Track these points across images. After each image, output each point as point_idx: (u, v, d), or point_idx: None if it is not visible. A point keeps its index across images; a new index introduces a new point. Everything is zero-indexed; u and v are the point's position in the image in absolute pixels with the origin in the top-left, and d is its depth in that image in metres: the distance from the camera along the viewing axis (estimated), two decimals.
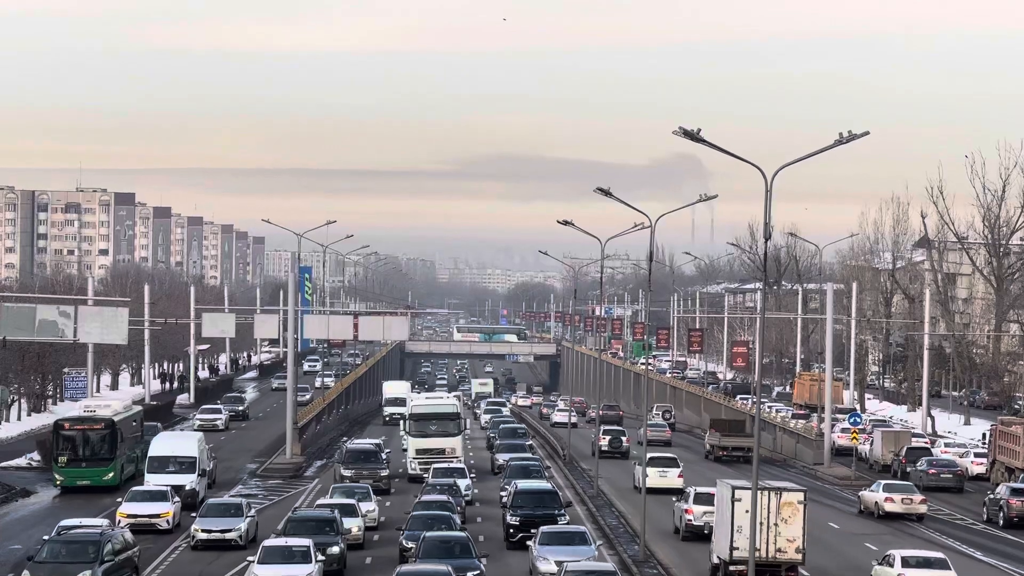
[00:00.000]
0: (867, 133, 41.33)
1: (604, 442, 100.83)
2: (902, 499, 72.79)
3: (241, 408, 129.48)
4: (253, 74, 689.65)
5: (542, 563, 47.24)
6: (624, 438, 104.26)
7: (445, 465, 76.94)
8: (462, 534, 51.67)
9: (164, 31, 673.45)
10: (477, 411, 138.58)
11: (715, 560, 51.87)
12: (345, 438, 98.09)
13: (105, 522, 55.14)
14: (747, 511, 47.15)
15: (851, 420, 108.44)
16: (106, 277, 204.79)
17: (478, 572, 46.70)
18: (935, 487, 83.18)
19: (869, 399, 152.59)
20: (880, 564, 51.50)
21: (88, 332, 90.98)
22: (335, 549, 50.34)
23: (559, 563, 45.13)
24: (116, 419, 74.63)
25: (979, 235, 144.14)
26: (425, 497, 62.31)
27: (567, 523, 56.85)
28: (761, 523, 48.03)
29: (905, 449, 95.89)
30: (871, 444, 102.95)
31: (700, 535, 58.78)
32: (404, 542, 52.35)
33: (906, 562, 50.26)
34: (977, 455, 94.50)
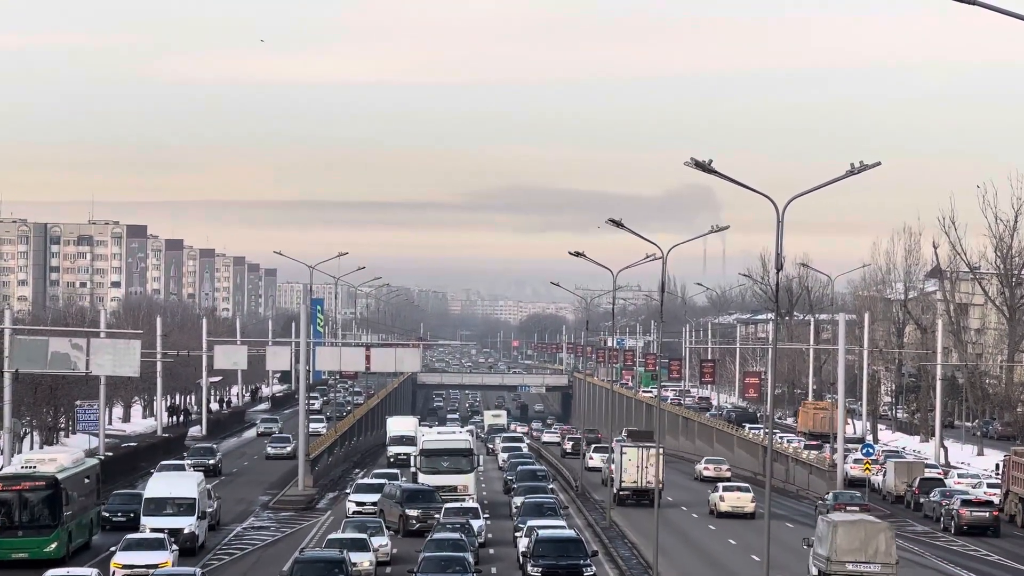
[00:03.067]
0: (879, 163, 41.24)
1: (596, 460, 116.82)
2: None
3: (212, 462, 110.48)
4: (265, 106, 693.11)
5: None
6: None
7: (458, 504, 73.84)
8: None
9: (176, 64, 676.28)
10: (490, 445, 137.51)
11: (614, 490, 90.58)
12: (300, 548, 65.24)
13: (94, 572, 51.36)
14: (629, 459, 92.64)
15: (864, 451, 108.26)
16: (118, 309, 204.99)
17: None
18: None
19: (882, 430, 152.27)
20: None
21: (100, 364, 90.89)
22: None
23: None
24: (61, 477, 60.42)
25: (991, 265, 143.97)
26: (437, 536, 59.84)
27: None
28: (638, 467, 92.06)
29: (918, 480, 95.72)
30: (884, 475, 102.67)
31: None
32: None
33: None
34: (990, 486, 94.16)
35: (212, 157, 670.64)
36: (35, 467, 61.43)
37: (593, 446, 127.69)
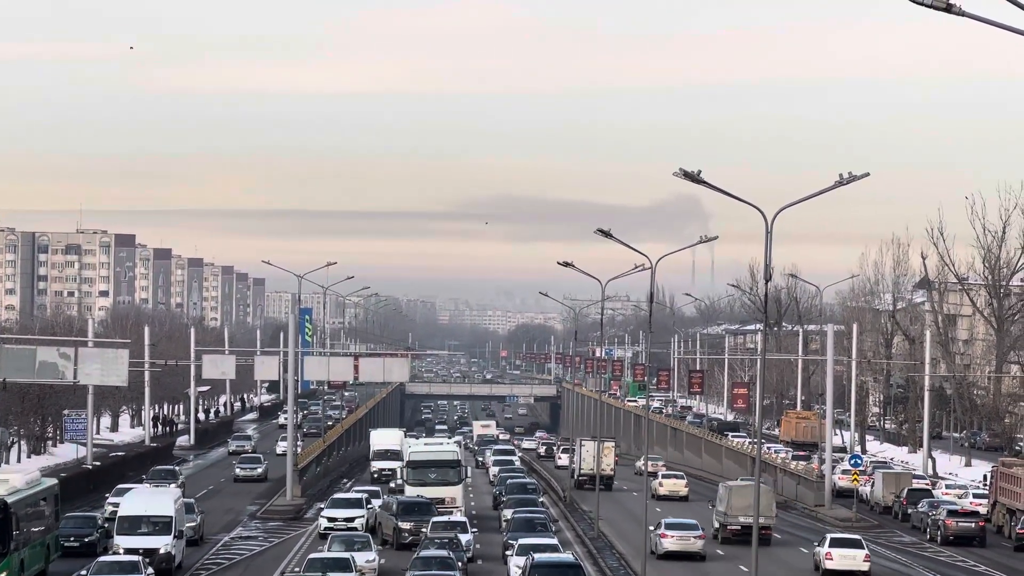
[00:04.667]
0: (867, 175, 41.34)
1: (563, 459, 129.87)
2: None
3: (173, 486, 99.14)
4: (254, 117, 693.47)
5: None
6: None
7: (445, 518, 72.01)
8: None
9: (166, 74, 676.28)
10: (480, 458, 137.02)
11: (575, 477, 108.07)
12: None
13: None
14: (586, 451, 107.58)
15: (852, 462, 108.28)
16: (106, 319, 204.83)
17: None
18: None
19: (870, 440, 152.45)
20: None
21: (88, 374, 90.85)
22: None
23: None
24: (11, 500, 54.27)
25: (979, 276, 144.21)
26: (424, 553, 58.29)
27: None
28: (593, 457, 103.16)
29: (906, 491, 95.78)
30: (872, 486, 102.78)
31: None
32: None
33: None
34: (977, 496, 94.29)
35: (200, 167, 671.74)
36: None
37: (561, 447, 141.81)
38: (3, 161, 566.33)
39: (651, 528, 71.69)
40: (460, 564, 57.66)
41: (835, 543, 70.68)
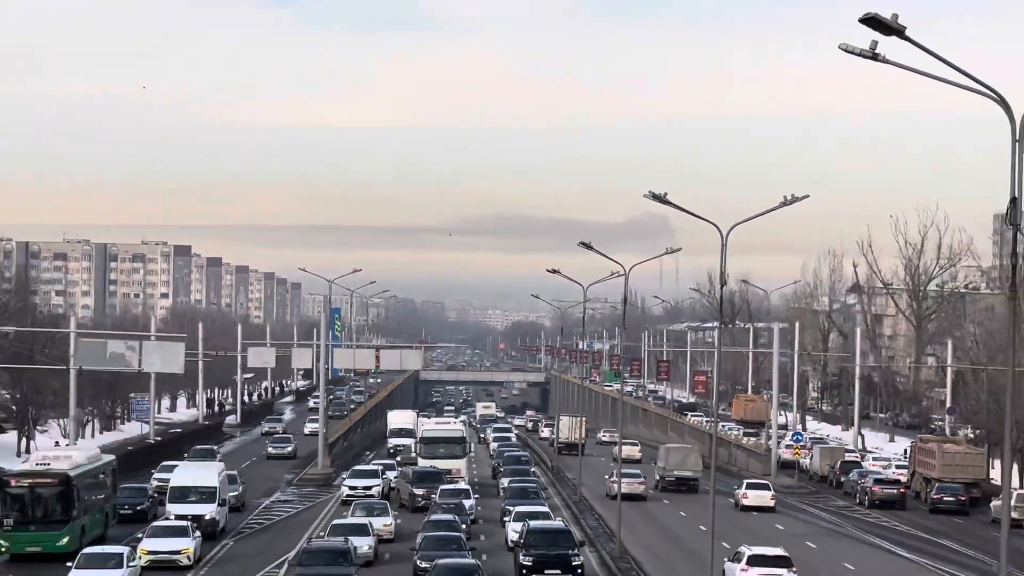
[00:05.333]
0: (807, 196, 41.27)
1: (545, 432, 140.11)
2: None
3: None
4: (292, 146, 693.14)
5: None
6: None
7: (452, 486, 71.21)
8: (472, 562, 46.01)
9: (219, 110, 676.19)
10: (482, 434, 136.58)
11: (555, 445, 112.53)
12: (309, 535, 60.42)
13: (127, 549, 48.16)
14: (564, 425, 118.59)
15: (794, 438, 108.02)
16: (166, 316, 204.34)
17: None
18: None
19: (809, 420, 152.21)
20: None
21: (150, 363, 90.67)
22: None
23: None
24: (73, 474, 53.61)
25: (901, 282, 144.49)
26: (433, 517, 57.60)
27: (580, 566, 47.94)
28: (569, 429, 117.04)
29: (839, 463, 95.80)
30: (811, 458, 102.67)
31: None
32: (419, 562, 47.71)
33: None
34: (899, 467, 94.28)
35: (247, 188, 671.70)
36: (49, 464, 54.79)
37: (544, 423, 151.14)
38: (81, 183, 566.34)
39: (606, 477, 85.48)
40: (464, 526, 57.05)
41: (750, 486, 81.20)
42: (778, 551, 51.13)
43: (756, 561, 48.52)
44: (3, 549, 51.59)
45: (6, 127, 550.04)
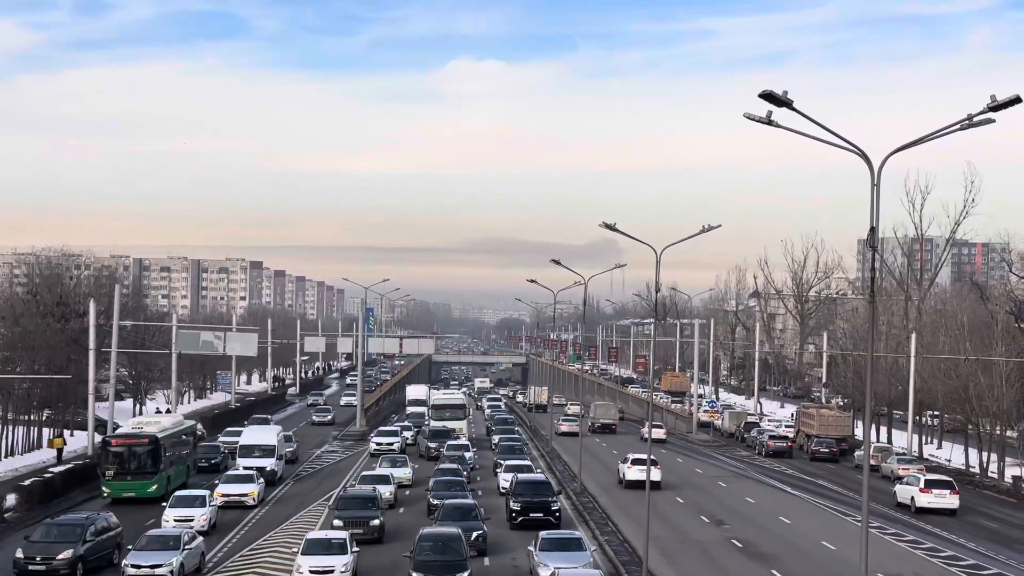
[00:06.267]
0: (720, 226, 41.18)
1: (520, 398, 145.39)
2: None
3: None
4: (337, 187, 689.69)
5: (542, 569, 32.89)
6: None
7: (456, 441, 70.78)
8: (471, 501, 44.60)
9: (285, 159, 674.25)
10: (479, 402, 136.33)
11: (529, 407, 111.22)
12: (344, 484, 56.15)
13: (207, 492, 46.09)
14: (534, 392, 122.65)
15: (709, 404, 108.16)
16: (244, 314, 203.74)
17: (482, 532, 40.00)
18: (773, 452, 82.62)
19: (721, 391, 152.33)
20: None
21: (232, 348, 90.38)
22: (375, 522, 41.87)
23: (556, 569, 31.98)
24: (161, 435, 52.79)
25: (789, 290, 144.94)
26: (442, 466, 56.61)
27: (558, 510, 45.79)
28: (536, 395, 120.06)
29: (743, 423, 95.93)
30: (722, 420, 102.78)
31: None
32: (431, 500, 47.02)
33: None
34: (787, 426, 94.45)
35: (305, 218, 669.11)
36: (142, 428, 53.97)
37: (520, 392, 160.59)
38: (181, 214, 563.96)
39: (555, 421, 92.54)
40: (465, 473, 56.72)
41: (652, 426, 78.18)
42: (641, 458, 58.46)
43: (635, 462, 59.31)
44: (105, 494, 50.90)
45: (129, 174, 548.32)
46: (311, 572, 32.43)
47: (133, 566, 33.19)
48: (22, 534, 39.86)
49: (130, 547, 34.97)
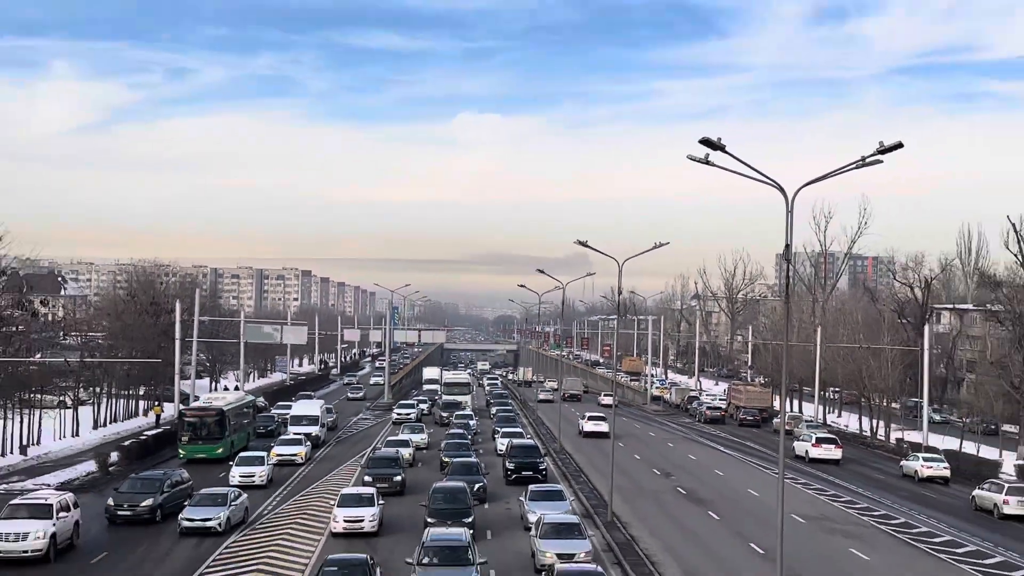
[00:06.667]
0: (668, 243, 41.15)
1: (510, 376, 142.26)
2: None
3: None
4: (372, 213, 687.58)
5: (531, 515, 32.16)
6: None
7: (462, 412, 70.02)
8: (475, 460, 43.91)
9: (330, 192, 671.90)
10: (480, 381, 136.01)
11: (519, 383, 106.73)
12: (375, 445, 57.05)
13: (264, 453, 45.10)
14: (522, 371, 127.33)
15: (660, 382, 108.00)
16: (296, 312, 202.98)
17: (483, 484, 39.49)
18: (712, 420, 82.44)
19: (670, 372, 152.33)
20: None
21: (287, 338, 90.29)
22: (398, 478, 40.92)
23: (543, 515, 30.57)
24: (226, 408, 51.42)
25: (722, 293, 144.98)
26: (451, 431, 56.20)
27: (544, 468, 44.82)
28: (524, 373, 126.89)
29: (687, 397, 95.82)
30: (671, 394, 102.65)
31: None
32: (443, 458, 46.47)
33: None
34: (721, 399, 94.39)
35: (345, 236, 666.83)
36: (211, 402, 52.83)
37: (511, 371, 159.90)
38: (246, 233, 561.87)
39: (537, 392, 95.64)
40: (469, 437, 56.17)
41: (605, 395, 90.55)
42: (599, 413, 63.63)
43: (591, 418, 63.73)
44: (181, 455, 49.87)
45: (206, 201, 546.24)
46: (345, 521, 31.71)
47: (187, 519, 32.12)
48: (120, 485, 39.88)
49: (186, 503, 33.96)
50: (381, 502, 33.83)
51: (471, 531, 28.51)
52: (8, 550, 27.24)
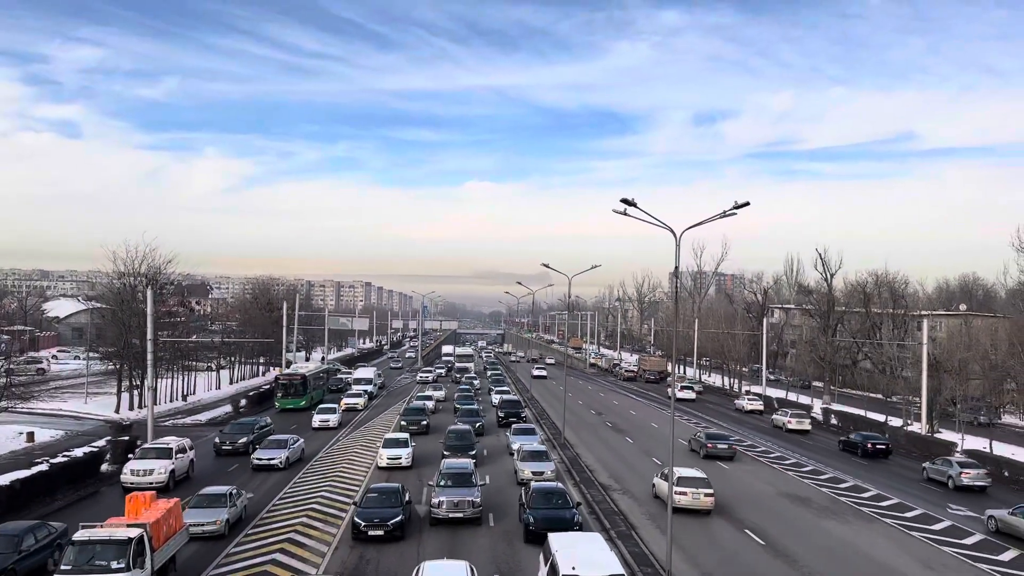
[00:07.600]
0: (599, 265, 41.34)
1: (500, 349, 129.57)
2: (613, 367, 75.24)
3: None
4: (402, 246, 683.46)
5: (514, 445, 31.66)
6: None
7: (468, 374, 68.25)
8: (478, 407, 42.34)
9: (383, 229, 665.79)
10: (481, 354, 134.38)
11: (511, 359, 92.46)
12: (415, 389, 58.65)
13: (336, 404, 42.95)
14: (508, 347, 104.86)
15: (594, 354, 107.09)
16: (361, 309, 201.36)
17: (482, 423, 37.16)
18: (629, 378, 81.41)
19: (602, 348, 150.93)
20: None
21: (356, 326, 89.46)
22: (424, 422, 38.56)
23: (521, 444, 30.65)
24: (307, 374, 49.19)
25: (635, 297, 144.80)
26: (460, 387, 54.34)
27: (524, 415, 42.28)
28: (513, 350, 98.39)
29: (612, 364, 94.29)
30: (602, 362, 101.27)
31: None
32: (456, 407, 43.77)
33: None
34: (634, 366, 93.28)
35: (392, 260, 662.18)
36: (296, 370, 50.66)
37: (498, 346, 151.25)
38: (331, 257, 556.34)
39: (512, 359, 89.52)
40: (472, 392, 54.10)
41: (548, 358, 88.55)
42: (542, 366, 58.37)
43: (537, 369, 64.22)
44: (277, 406, 47.36)
45: (305, 239, 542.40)
46: (388, 459, 29.69)
47: (257, 459, 29.91)
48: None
49: (257, 446, 31.77)
50: (413, 444, 31.77)
51: (475, 461, 28.08)
52: (138, 483, 26.10)
